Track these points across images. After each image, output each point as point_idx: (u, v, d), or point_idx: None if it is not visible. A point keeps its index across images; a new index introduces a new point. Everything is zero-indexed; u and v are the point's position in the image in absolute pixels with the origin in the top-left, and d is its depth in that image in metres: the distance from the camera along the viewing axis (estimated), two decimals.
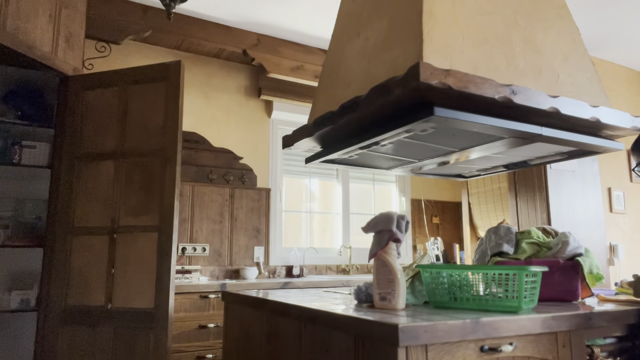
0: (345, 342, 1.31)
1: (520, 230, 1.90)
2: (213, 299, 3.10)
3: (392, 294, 1.46)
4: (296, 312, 1.56)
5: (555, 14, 2.04)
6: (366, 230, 1.58)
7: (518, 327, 1.28)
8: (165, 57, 3.76)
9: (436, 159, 2.21)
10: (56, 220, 2.77)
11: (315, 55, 4.08)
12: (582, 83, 1.95)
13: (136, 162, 2.74)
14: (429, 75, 1.46)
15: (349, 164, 2.35)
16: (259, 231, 3.94)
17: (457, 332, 1.19)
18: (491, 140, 1.87)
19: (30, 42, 2.58)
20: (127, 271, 2.63)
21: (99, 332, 2.60)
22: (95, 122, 2.85)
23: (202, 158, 3.80)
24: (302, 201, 4.36)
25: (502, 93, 1.58)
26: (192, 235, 3.67)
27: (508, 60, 1.77)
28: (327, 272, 4.22)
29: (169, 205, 2.63)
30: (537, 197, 3.65)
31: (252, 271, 3.67)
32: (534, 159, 2.19)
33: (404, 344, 1.11)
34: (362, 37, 2.02)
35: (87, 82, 2.91)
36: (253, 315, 1.89)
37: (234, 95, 4.04)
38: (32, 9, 2.61)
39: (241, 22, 3.71)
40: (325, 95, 2.20)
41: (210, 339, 3.06)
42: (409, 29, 1.69)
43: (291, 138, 2.27)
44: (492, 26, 1.80)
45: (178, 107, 2.72)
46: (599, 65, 4.33)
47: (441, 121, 1.61)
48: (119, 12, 3.36)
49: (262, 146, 4.11)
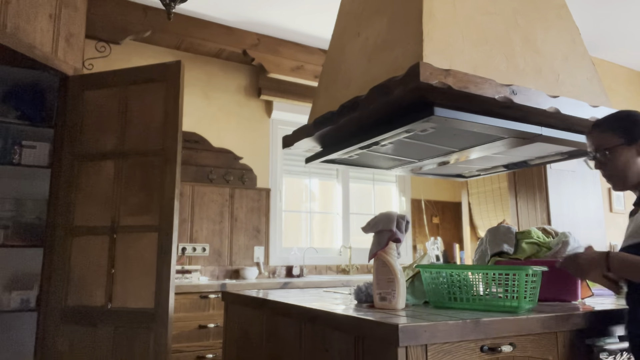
0: (345, 342, 1.31)
1: (520, 230, 1.90)
2: (213, 299, 3.10)
3: (392, 294, 1.46)
4: (296, 312, 1.56)
5: (555, 14, 2.04)
6: (366, 230, 1.58)
7: (518, 327, 1.28)
8: (165, 57, 3.76)
9: (436, 159, 2.21)
10: (56, 220, 2.77)
11: (315, 55, 4.08)
12: (582, 83, 1.95)
13: (136, 162, 2.74)
14: (429, 75, 1.46)
15: (349, 164, 2.35)
16: (259, 231, 3.94)
17: (457, 332, 1.19)
18: (491, 140, 1.87)
19: (30, 42, 2.58)
20: (127, 271, 2.63)
21: (99, 332, 2.60)
22: (95, 122, 2.85)
23: (202, 158, 3.80)
24: (302, 201, 4.36)
25: (502, 93, 1.58)
26: (192, 235, 3.67)
27: (508, 60, 1.77)
28: (327, 272, 4.22)
29: (169, 205, 2.63)
30: (537, 197, 3.65)
31: (252, 271, 3.67)
32: (534, 159, 2.19)
33: (404, 344, 1.11)
34: (362, 37, 2.02)
35: (87, 82, 2.91)
36: (253, 315, 1.89)
37: (234, 95, 4.04)
38: (32, 9, 2.61)
39: (241, 22, 3.71)
40: (325, 95, 2.20)
41: (210, 339, 3.06)
42: (409, 29, 1.69)
43: (291, 138, 2.27)
44: (492, 26, 1.80)
45: (178, 107, 2.72)
46: (599, 65, 4.32)
47: (441, 121, 1.61)
48: (119, 12, 3.35)
49: (262, 146, 4.11)
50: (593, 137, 1.53)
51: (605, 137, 1.48)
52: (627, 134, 1.46)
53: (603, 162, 1.50)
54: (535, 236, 1.86)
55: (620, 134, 1.46)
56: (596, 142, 1.51)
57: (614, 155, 1.47)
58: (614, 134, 1.47)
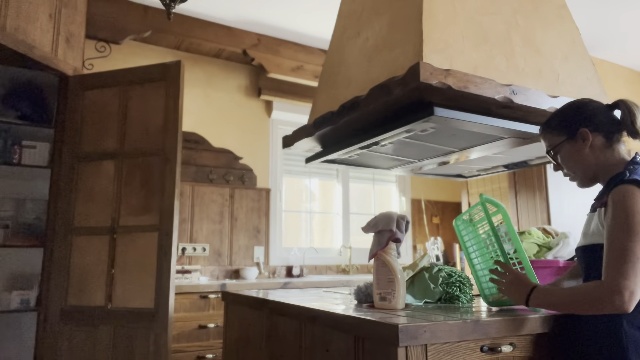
0: (345, 342, 1.31)
1: (520, 230, 1.90)
2: (213, 299, 3.10)
3: (392, 294, 1.46)
4: (296, 312, 1.56)
5: (555, 14, 2.04)
6: (366, 230, 1.58)
7: (518, 327, 1.28)
8: (165, 57, 3.76)
9: (436, 159, 2.21)
10: (56, 220, 2.77)
11: (315, 55, 4.08)
12: (582, 83, 1.95)
13: (136, 162, 2.74)
14: (429, 75, 1.46)
15: (349, 164, 2.35)
16: (259, 231, 3.94)
17: (457, 332, 1.18)
18: (491, 140, 1.87)
19: (30, 42, 2.58)
20: (127, 271, 2.63)
21: (99, 332, 2.60)
22: (95, 122, 2.85)
23: (202, 158, 3.80)
24: (302, 201, 4.36)
25: (502, 93, 1.58)
26: (192, 235, 3.67)
27: (508, 60, 1.77)
28: (327, 272, 4.22)
29: (169, 205, 2.63)
30: (537, 197, 3.65)
31: (252, 271, 3.67)
32: (534, 159, 2.19)
33: (404, 344, 1.11)
34: (362, 37, 2.02)
35: (87, 82, 2.91)
36: (253, 315, 1.88)
37: (234, 95, 4.04)
38: (32, 9, 2.61)
39: (241, 22, 3.71)
40: (325, 95, 2.20)
41: (210, 339, 3.06)
42: (409, 29, 1.69)
43: (291, 138, 2.27)
44: (492, 26, 1.80)
45: (178, 107, 2.72)
46: (599, 65, 4.32)
47: (441, 121, 1.61)
48: (119, 12, 3.35)
49: (262, 146, 4.11)
50: (543, 138, 1.45)
51: (551, 137, 1.41)
52: (566, 129, 1.37)
53: (556, 164, 1.43)
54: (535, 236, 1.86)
55: (561, 130, 1.38)
56: (546, 144, 1.44)
57: (562, 154, 1.39)
58: (557, 132, 1.39)
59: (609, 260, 1.16)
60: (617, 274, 1.12)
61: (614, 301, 1.11)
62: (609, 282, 1.13)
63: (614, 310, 1.13)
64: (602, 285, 1.15)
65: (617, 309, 1.12)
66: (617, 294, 1.11)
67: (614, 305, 1.12)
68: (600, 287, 1.15)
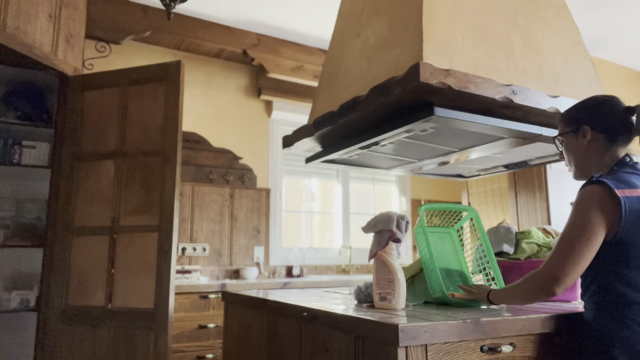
0: (345, 342, 1.31)
1: (520, 230, 1.90)
2: (213, 299, 3.10)
3: (392, 294, 1.46)
4: (296, 312, 1.56)
5: (555, 14, 2.04)
6: (366, 230, 1.58)
7: (518, 327, 1.28)
8: (165, 57, 3.76)
9: (436, 159, 2.21)
10: (56, 220, 2.77)
11: (315, 55, 4.08)
12: (582, 83, 1.95)
13: (136, 162, 2.74)
14: (429, 75, 1.46)
15: (349, 164, 2.35)
16: (259, 231, 3.94)
17: (457, 332, 1.19)
18: (491, 140, 1.87)
19: (30, 42, 2.58)
20: (127, 271, 2.63)
21: (99, 332, 2.60)
22: (95, 122, 2.85)
23: (202, 158, 3.80)
24: (302, 201, 4.36)
25: (502, 93, 1.58)
26: (192, 235, 3.67)
27: (508, 60, 1.77)
28: (327, 272, 4.22)
29: (169, 205, 2.63)
30: (537, 197, 3.65)
31: (252, 271, 3.67)
32: (534, 159, 2.19)
33: (404, 344, 1.11)
34: (362, 37, 2.02)
35: (87, 82, 2.91)
36: (253, 315, 1.89)
37: (234, 95, 4.04)
38: (32, 9, 2.61)
39: (241, 22, 3.71)
40: (325, 95, 2.20)
41: (210, 339, 3.06)
42: (409, 29, 1.69)
43: (291, 138, 2.27)
44: (492, 26, 1.80)
45: (178, 107, 2.72)
46: (599, 65, 4.32)
47: (441, 121, 1.61)
48: (119, 12, 3.35)
49: (262, 146, 4.11)
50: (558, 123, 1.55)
51: (563, 126, 1.50)
52: (575, 123, 1.45)
53: (560, 151, 1.52)
54: (535, 236, 1.86)
55: (570, 122, 1.47)
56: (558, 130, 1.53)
57: (565, 144, 1.49)
58: (567, 123, 1.48)
59: (552, 252, 1.30)
60: (554, 263, 1.27)
61: (545, 285, 1.26)
62: (546, 269, 1.28)
63: (546, 294, 1.27)
64: (539, 273, 1.29)
65: (547, 292, 1.26)
66: (550, 280, 1.26)
67: (544, 289, 1.27)
68: (538, 275, 1.30)
